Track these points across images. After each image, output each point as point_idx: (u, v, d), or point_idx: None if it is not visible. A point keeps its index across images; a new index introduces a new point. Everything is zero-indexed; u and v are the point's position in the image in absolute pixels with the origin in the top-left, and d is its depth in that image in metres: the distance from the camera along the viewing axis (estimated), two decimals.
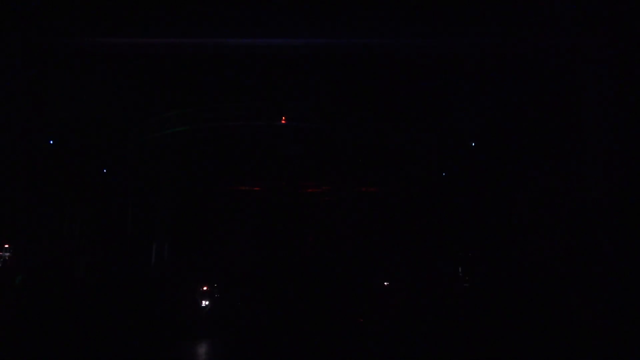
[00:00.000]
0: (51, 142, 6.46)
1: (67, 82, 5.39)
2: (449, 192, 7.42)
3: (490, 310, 4.57)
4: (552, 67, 4.72)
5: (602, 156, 4.16)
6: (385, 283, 6.19)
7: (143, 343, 2.59)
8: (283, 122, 6.28)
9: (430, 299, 5.22)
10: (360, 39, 4.50)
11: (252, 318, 4.44)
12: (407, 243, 7.25)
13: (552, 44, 4.52)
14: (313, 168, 7.75)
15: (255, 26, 4.40)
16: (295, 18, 4.28)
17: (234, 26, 4.45)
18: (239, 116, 6.38)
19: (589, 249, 3.69)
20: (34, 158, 5.73)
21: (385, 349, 3.95)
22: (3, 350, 2.59)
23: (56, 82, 5.27)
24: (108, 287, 2.77)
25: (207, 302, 4.33)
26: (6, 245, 2.44)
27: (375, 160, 7.55)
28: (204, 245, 8.70)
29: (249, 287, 5.69)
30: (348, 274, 6.52)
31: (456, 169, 7.38)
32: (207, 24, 4.43)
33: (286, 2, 4.17)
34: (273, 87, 6.10)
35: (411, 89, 5.66)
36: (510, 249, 5.65)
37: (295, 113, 5.97)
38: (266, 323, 4.57)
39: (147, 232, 2.78)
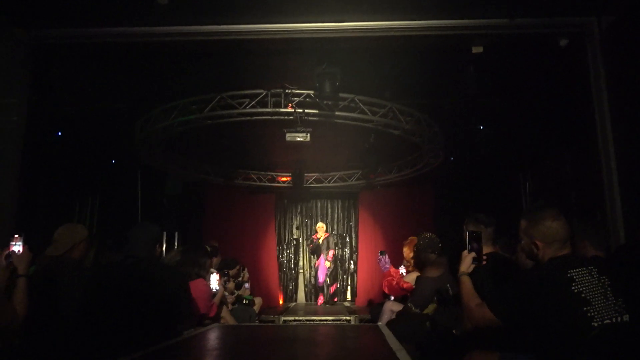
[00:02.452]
0: (59, 133, 6.66)
1: (74, 74, 5.49)
2: None
3: None
4: None
5: None
6: None
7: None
8: (290, 108, 6.32)
9: None
10: None
11: None
12: None
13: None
14: None
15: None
16: None
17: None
18: (248, 105, 6.42)
19: None
20: (43, 149, 5.93)
21: None
22: (16, 343, 2.69)
23: (62, 74, 5.38)
24: (118, 278, 2.86)
25: (216, 288, 4.43)
26: (16, 235, 2.51)
27: None
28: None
29: None
30: None
31: None
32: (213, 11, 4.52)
33: None
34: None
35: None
36: None
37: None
38: None
39: (156, 222, 2.86)
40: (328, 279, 9.10)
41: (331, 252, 9.19)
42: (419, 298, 3.82)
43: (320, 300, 9.25)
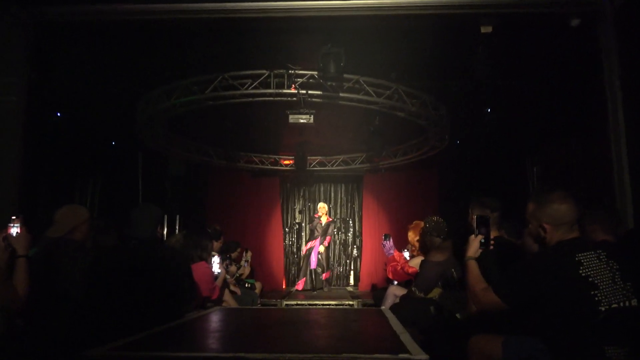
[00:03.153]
0: (58, 114, 6.65)
1: (74, 53, 5.46)
2: None
3: None
4: None
5: None
6: None
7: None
8: (293, 89, 6.28)
9: None
10: None
11: None
12: None
13: None
14: None
15: None
16: None
17: None
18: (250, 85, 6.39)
19: None
20: (43, 130, 5.92)
21: None
22: (19, 324, 2.72)
23: (62, 54, 5.35)
24: (121, 260, 2.88)
25: (218, 271, 4.47)
26: (14, 217, 2.49)
27: None
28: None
29: None
30: None
31: None
32: None
33: None
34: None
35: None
36: None
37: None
38: None
39: (157, 204, 2.86)
40: (320, 266, 8.98)
41: (328, 239, 9.12)
42: (424, 282, 3.83)
43: (300, 286, 8.90)
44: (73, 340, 2.59)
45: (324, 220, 9.19)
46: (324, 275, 9.02)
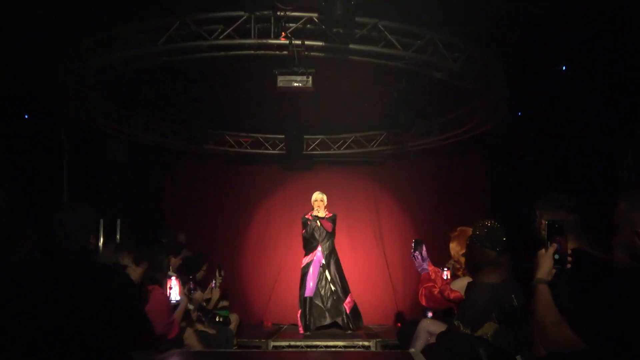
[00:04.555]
0: None
1: None
2: None
3: None
4: None
5: None
6: None
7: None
8: (282, 39, 6.27)
9: None
10: None
11: None
12: None
13: None
14: None
15: None
16: None
17: None
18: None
19: None
20: None
21: None
22: None
23: None
24: (41, 281, 2.88)
25: (177, 299, 4.50)
26: None
27: None
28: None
29: None
30: None
31: None
32: None
33: None
34: None
35: None
36: None
37: None
38: None
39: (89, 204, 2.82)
40: (333, 288, 8.38)
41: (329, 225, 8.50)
42: (471, 313, 3.83)
43: (301, 328, 8.27)
44: None
45: (321, 215, 8.49)
46: (346, 304, 8.30)
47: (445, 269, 5.50)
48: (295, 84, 6.60)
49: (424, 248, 4.86)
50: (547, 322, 2.40)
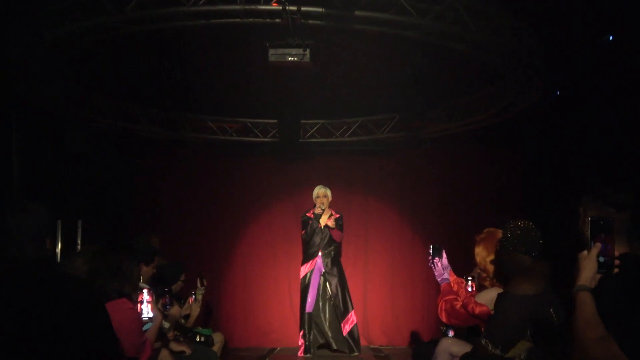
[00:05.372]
0: None
1: None
2: None
3: None
4: None
5: None
6: None
7: None
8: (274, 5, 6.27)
9: None
10: None
11: None
12: None
13: None
14: None
15: None
16: None
17: None
18: None
19: None
20: None
21: None
22: None
23: None
24: None
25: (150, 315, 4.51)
26: None
27: None
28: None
29: None
30: None
31: None
32: None
33: None
34: None
35: None
36: None
37: None
38: None
39: (46, 202, 2.81)
40: (335, 302, 8.56)
41: (337, 234, 8.64)
42: (501, 331, 3.84)
43: (301, 350, 8.53)
44: None
45: (324, 219, 8.68)
46: (344, 324, 8.51)
47: (470, 278, 5.51)
48: (290, 59, 6.61)
49: (444, 254, 4.87)
50: (590, 337, 2.39)
